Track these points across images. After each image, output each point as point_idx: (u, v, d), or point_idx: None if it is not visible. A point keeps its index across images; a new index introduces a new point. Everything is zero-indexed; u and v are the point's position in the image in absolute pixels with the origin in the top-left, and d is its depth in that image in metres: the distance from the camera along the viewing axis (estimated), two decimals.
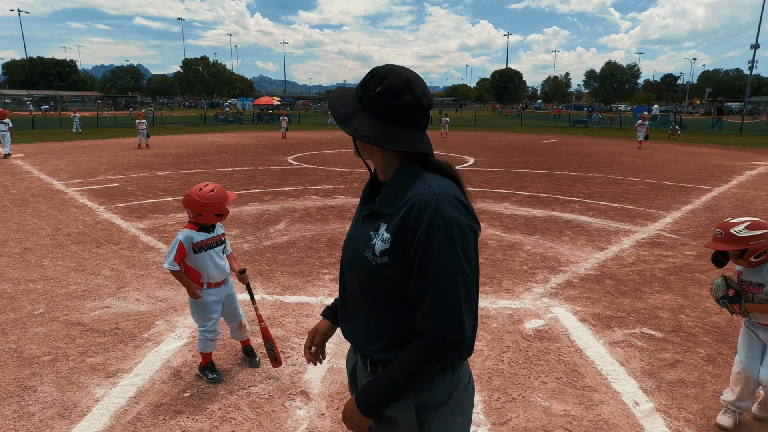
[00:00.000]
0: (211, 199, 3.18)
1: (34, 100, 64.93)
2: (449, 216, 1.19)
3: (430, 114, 1.32)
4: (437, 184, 1.24)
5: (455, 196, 1.23)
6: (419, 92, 1.25)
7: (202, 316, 3.36)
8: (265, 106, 53.42)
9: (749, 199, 10.04)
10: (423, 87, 1.27)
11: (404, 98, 1.23)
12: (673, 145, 22.80)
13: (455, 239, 1.19)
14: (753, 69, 73.75)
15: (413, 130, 1.28)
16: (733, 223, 2.69)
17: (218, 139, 24.05)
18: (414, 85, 1.25)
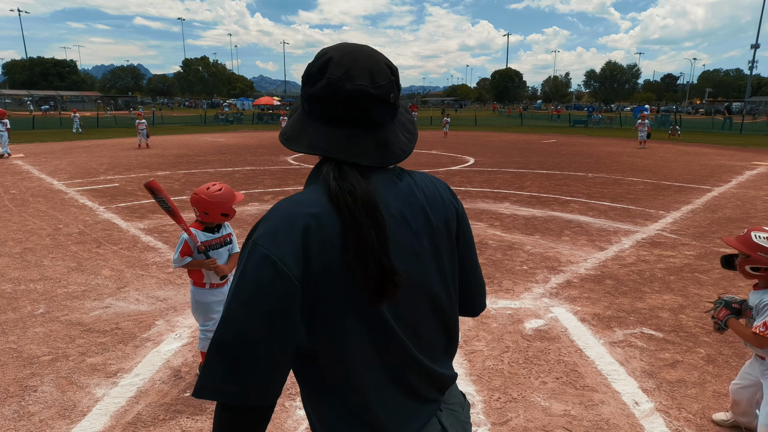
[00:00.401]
0: (218, 198, 3.19)
1: (34, 100, 64.96)
2: (254, 237, 0.94)
3: (380, 107, 0.99)
4: (301, 197, 0.97)
5: (304, 211, 0.93)
6: (337, 75, 0.94)
7: (204, 315, 3.36)
8: (265, 106, 53.43)
9: (749, 199, 10.05)
10: (350, 69, 0.95)
11: (317, 85, 0.96)
12: (673, 145, 22.80)
13: (243, 271, 0.92)
14: (753, 69, 73.78)
15: (333, 126, 0.98)
16: (762, 229, 2.51)
17: (218, 139, 24.06)
18: (334, 66, 0.95)
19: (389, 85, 0.99)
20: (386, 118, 1.01)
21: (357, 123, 0.98)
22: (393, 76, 1.01)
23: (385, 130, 1.01)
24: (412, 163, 15.00)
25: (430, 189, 1.11)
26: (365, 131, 0.99)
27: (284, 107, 49.55)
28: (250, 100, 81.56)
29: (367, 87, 0.95)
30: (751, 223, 8.02)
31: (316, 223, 0.92)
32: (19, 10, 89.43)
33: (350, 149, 0.98)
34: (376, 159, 1.00)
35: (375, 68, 0.98)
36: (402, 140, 1.05)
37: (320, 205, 0.94)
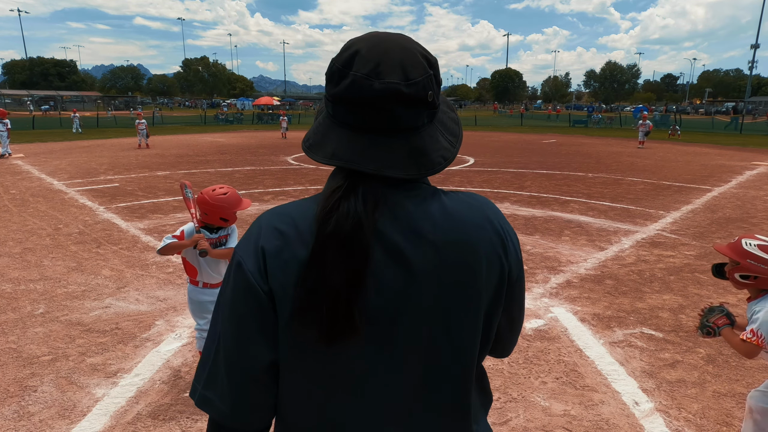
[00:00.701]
0: (219, 201, 3.18)
1: (34, 100, 64.96)
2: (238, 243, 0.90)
3: (416, 107, 0.82)
4: (286, 208, 0.88)
5: (274, 225, 0.84)
6: (364, 72, 0.79)
7: (198, 314, 3.37)
8: (264, 106, 53.44)
9: (749, 199, 10.05)
10: (379, 64, 0.80)
11: (342, 83, 0.81)
12: (673, 145, 22.80)
13: (225, 276, 0.89)
14: (753, 69, 73.79)
15: (359, 132, 0.83)
16: (754, 237, 2.42)
17: (218, 139, 24.06)
18: (361, 61, 0.80)
19: (426, 81, 0.82)
20: (422, 119, 0.84)
21: (387, 127, 0.82)
22: (431, 69, 0.84)
23: (422, 134, 0.84)
24: None
25: (466, 223, 0.86)
26: (397, 137, 0.82)
27: (284, 107, 49.56)
28: (250, 100, 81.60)
29: (398, 85, 0.79)
30: (751, 223, 8.02)
31: (280, 241, 0.82)
32: (19, 10, 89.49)
33: (378, 159, 0.81)
34: (411, 170, 0.83)
35: (409, 62, 0.81)
36: (443, 145, 0.87)
37: (298, 221, 0.83)
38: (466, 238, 0.85)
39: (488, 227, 0.88)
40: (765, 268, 2.29)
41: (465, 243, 0.85)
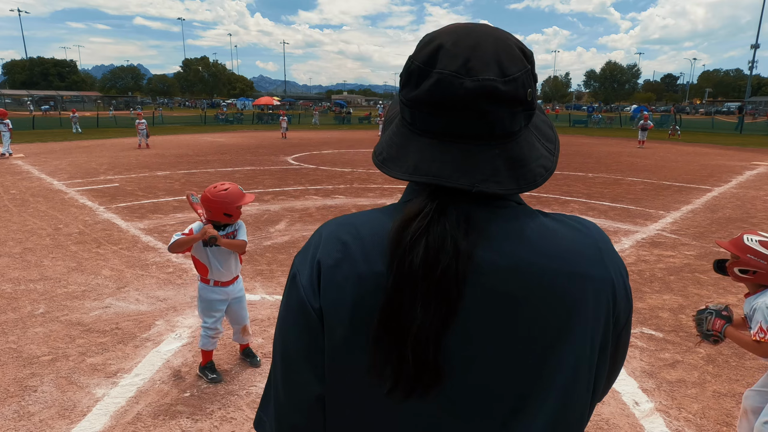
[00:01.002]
0: (220, 197, 3.20)
1: (34, 100, 64.97)
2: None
3: (514, 109, 0.68)
4: (354, 218, 0.77)
5: (336, 235, 0.74)
6: (452, 69, 0.66)
7: (206, 312, 3.39)
8: (264, 106, 53.46)
9: (749, 199, 10.05)
10: (469, 59, 0.66)
11: (423, 85, 0.68)
12: (673, 145, 22.80)
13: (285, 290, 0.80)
14: (753, 69, 73.78)
15: (446, 142, 0.69)
16: (756, 233, 2.44)
17: (218, 139, 24.06)
18: (447, 57, 0.67)
19: (525, 78, 0.68)
20: (519, 124, 0.70)
21: (481, 134, 0.68)
22: (529, 63, 0.70)
23: (519, 141, 0.70)
24: None
25: (572, 252, 0.71)
26: (491, 145, 0.68)
27: (284, 107, 49.57)
28: (250, 100, 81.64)
29: (494, 82, 0.66)
30: (751, 223, 8.02)
31: (340, 254, 0.71)
32: (19, 10, 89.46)
33: (472, 172, 0.67)
34: (510, 184, 0.68)
35: (504, 55, 0.68)
36: (542, 152, 0.73)
37: (365, 235, 0.71)
38: (572, 269, 0.69)
39: (598, 259, 0.72)
40: (764, 263, 2.32)
41: (571, 276, 0.69)
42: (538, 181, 0.71)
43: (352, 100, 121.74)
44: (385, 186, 11.10)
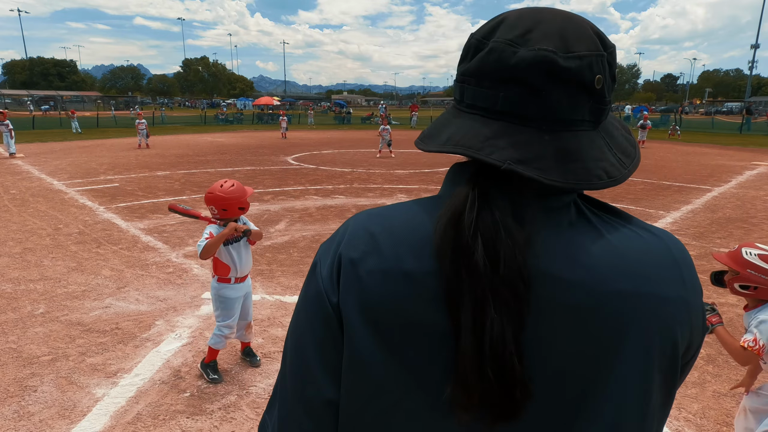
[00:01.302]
0: (233, 193, 3.27)
1: (34, 100, 64.98)
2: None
3: (572, 92, 0.58)
4: (389, 208, 0.69)
5: (365, 225, 0.66)
6: (507, 38, 0.59)
7: (226, 311, 3.41)
8: (265, 106, 53.47)
9: (749, 199, 10.05)
10: (530, 30, 0.59)
11: (477, 56, 0.61)
12: (673, 145, 22.81)
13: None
14: (753, 69, 73.82)
15: (489, 117, 0.61)
16: (754, 245, 2.36)
17: (218, 139, 24.07)
18: (506, 28, 0.60)
19: (595, 61, 0.58)
20: (581, 114, 0.59)
21: (532, 115, 0.58)
22: (605, 50, 0.60)
23: (578, 136, 0.60)
24: (412, 162, 15.01)
25: (643, 266, 0.59)
26: (543, 129, 0.58)
27: (284, 107, 49.58)
28: (250, 100, 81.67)
29: (552, 54, 0.56)
30: (751, 223, 8.03)
31: (368, 247, 0.63)
32: (19, 10, 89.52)
33: (510, 150, 0.57)
34: (554, 174, 0.57)
35: (573, 32, 0.59)
36: (607, 157, 0.61)
37: (396, 227, 0.64)
38: (640, 289, 0.58)
39: (676, 277, 0.60)
40: (764, 278, 2.24)
41: (638, 297, 0.58)
42: (593, 181, 0.58)
43: (352, 100, 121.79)
44: (385, 186, 11.10)
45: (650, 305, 0.58)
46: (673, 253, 0.62)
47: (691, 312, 0.61)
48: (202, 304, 4.67)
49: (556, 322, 0.57)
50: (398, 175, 12.82)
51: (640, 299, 0.58)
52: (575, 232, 0.60)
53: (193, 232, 6.98)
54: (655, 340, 0.58)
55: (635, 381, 0.59)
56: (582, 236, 0.60)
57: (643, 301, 0.58)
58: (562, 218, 0.61)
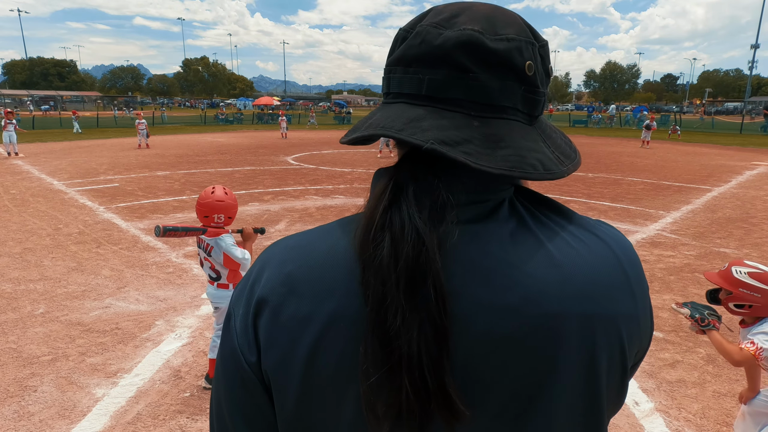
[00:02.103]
0: (233, 198, 3.27)
1: (34, 100, 64.98)
2: None
3: (502, 76, 0.55)
4: (301, 239, 0.61)
5: (280, 263, 0.58)
6: (432, 21, 0.56)
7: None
8: (265, 106, 53.49)
9: (749, 199, 10.05)
10: (457, 14, 0.56)
11: (402, 44, 0.58)
12: (673, 145, 22.81)
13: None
14: (753, 69, 73.84)
15: (412, 104, 0.56)
16: (743, 263, 2.35)
17: (218, 139, 24.06)
18: (433, 14, 0.58)
19: (525, 46, 0.55)
20: (512, 101, 0.55)
21: (459, 99, 0.54)
22: (535, 40, 0.57)
23: (510, 123, 0.55)
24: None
25: (587, 280, 0.54)
26: (471, 115, 0.54)
27: (284, 107, 49.58)
28: (250, 100, 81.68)
29: (478, 33, 0.53)
30: (751, 223, 8.03)
31: (284, 288, 0.55)
32: (19, 10, 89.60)
33: (431, 131, 0.52)
34: (483, 159, 0.51)
35: (501, 17, 0.56)
36: (543, 151, 0.56)
37: (318, 261, 0.56)
38: (586, 310, 0.53)
39: (625, 291, 0.56)
40: (758, 297, 2.22)
41: (584, 318, 0.53)
42: (527, 169, 0.53)
43: (352, 100, 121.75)
44: None
45: (597, 325, 0.53)
46: (623, 267, 0.57)
47: (640, 324, 0.58)
48: (202, 304, 4.67)
49: (491, 349, 0.51)
50: None
51: (586, 320, 0.53)
52: (510, 241, 0.54)
53: None
54: (602, 358, 0.54)
55: (580, 400, 0.55)
56: (517, 247, 0.53)
57: (589, 322, 0.53)
58: (494, 219, 0.55)
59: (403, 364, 0.48)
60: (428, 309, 0.49)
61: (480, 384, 0.52)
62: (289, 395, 0.55)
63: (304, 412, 0.55)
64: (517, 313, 0.51)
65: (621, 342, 0.55)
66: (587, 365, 0.54)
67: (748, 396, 2.46)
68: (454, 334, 0.50)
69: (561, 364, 0.52)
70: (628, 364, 0.57)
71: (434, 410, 0.49)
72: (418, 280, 0.49)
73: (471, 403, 0.51)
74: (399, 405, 0.49)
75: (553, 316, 0.52)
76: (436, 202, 0.52)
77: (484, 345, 0.51)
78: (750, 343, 2.21)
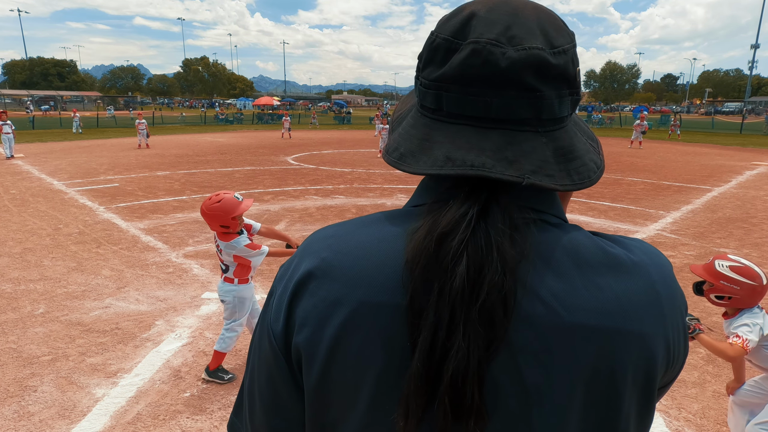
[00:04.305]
0: (214, 209, 3.27)
1: (34, 100, 64.98)
2: None
3: (562, 89, 0.56)
4: (344, 226, 0.64)
5: (317, 250, 0.61)
6: (489, 37, 0.54)
7: (242, 311, 3.46)
8: (265, 106, 53.52)
9: (749, 199, 10.05)
10: (510, 25, 0.54)
11: (454, 59, 0.55)
12: (673, 145, 22.82)
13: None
14: (753, 69, 73.86)
15: (480, 127, 0.56)
16: (726, 257, 2.46)
17: (218, 139, 24.06)
18: (482, 25, 0.55)
19: (574, 54, 0.57)
20: (567, 109, 0.57)
21: (527, 118, 0.55)
22: (573, 41, 0.59)
23: (566, 130, 0.58)
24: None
25: (622, 300, 0.55)
26: (540, 132, 0.56)
27: (285, 107, 49.58)
28: (251, 100, 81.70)
29: (544, 52, 0.53)
30: (751, 223, 8.03)
31: (318, 273, 0.58)
32: (19, 10, 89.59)
33: (519, 162, 0.54)
34: (562, 179, 0.55)
35: (550, 24, 0.56)
36: (587, 147, 0.61)
37: (353, 251, 0.58)
38: (619, 327, 0.54)
39: (656, 315, 0.56)
40: (737, 289, 2.34)
41: (615, 334, 0.54)
42: (592, 177, 0.57)
43: (352, 100, 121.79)
44: (385, 186, 11.10)
45: (626, 342, 0.54)
46: (656, 288, 0.57)
47: (669, 346, 0.57)
48: (202, 304, 4.67)
49: (521, 359, 0.52)
50: (398, 175, 12.82)
51: (616, 336, 0.54)
52: (557, 259, 0.55)
53: (193, 233, 6.98)
54: (627, 377, 0.54)
55: (602, 420, 0.55)
56: (563, 265, 0.55)
57: (618, 339, 0.54)
58: (549, 239, 0.56)
59: (446, 380, 0.50)
60: (494, 334, 0.50)
61: (506, 394, 0.53)
62: (314, 372, 0.57)
63: (325, 390, 0.57)
64: (557, 322, 0.53)
65: (647, 361, 0.55)
66: (611, 383, 0.54)
67: (734, 387, 2.60)
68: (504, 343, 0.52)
69: (585, 380, 0.53)
70: (654, 385, 0.57)
71: (465, 420, 0.51)
72: (498, 308, 0.50)
73: (497, 415, 0.53)
74: (428, 414, 0.51)
75: (579, 329, 0.53)
76: (516, 229, 0.53)
77: (519, 358, 0.53)
78: (735, 336, 2.31)
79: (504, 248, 0.51)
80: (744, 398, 2.58)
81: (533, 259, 0.54)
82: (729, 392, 2.65)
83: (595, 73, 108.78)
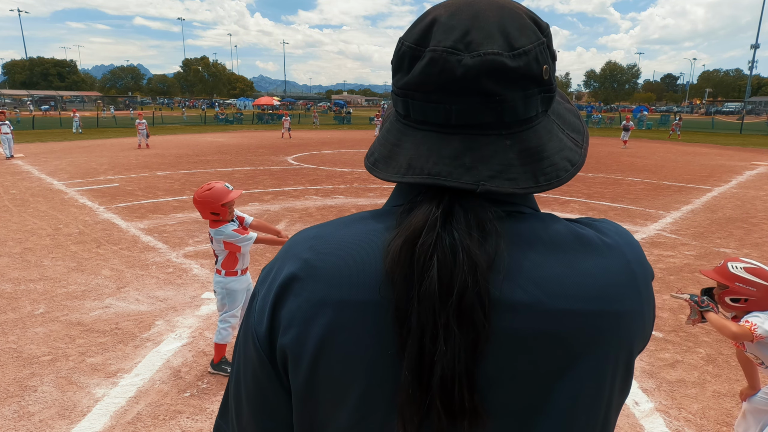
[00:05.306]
0: (204, 197, 3.36)
1: (34, 100, 64.97)
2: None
3: (526, 89, 0.56)
4: (326, 227, 0.63)
5: (299, 251, 0.60)
6: (446, 45, 0.54)
7: (233, 303, 3.49)
8: (265, 106, 53.53)
9: (749, 199, 10.05)
10: (468, 31, 0.54)
11: (416, 67, 0.56)
12: (673, 145, 22.82)
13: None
14: (753, 69, 73.86)
15: (445, 133, 0.57)
16: (739, 259, 2.43)
17: (218, 139, 24.06)
18: (441, 31, 0.55)
19: (539, 51, 0.56)
20: (535, 108, 0.57)
21: (488, 122, 0.55)
22: (543, 36, 0.57)
23: (536, 129, 0.58)
24: None
25: (597, 279, 0.56)
26: (502, 134, 0.56)
27: (285, 107, 49.59)
28: (251, 100, 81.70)
29: (500, 56, 0.53)
30: (751, 223, 8.03)
31: (302, 274, 0.58)
32: (19, 10, 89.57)
33: (479, 167, 0.55)
34: (526, 181, 0.56)
35: (512, 24, 0.56)
36: (565, 143, 0.60)
37: (334, 252, 0.58)
38: (598, 308, 0.55)
39: (632, 290, 0.58)
40: (753, 291, 2.31)
41: (595, 316, 0.55)
42: (561, 176, 0.57)
43: (352, 100, 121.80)
44: (385, 186, 11.10)
45: (608, 322, 0.56)
46: (632, 267, 0.59)
47: (645, 320, 0.60)
48: (202, 304, 4.67)
49: (509, 349, 0.53)
50: None
51: (599, 318, 0.55)
52: (535, 248, 0.56)
53: (193, 232, 6.98)
54: (610, 354, 0.57)
55: (591, 397, 0.57)
56: (541, 253, 0.56)
57: (601, 320, 0.55)
58: (523, 229, 0.57)
59: (435, 385, 0.51)
60: (476, 334, 0.51)
61: (496, 386, 0.54)
62: (301, 372, 0.58)
63: (313, 390, 0.58)
64: (539, 311, 0.54)
65: (629, 338, 0.58)
66: (596, 362, 0.56)
67: (748, 393, 2.52)
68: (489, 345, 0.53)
69: (572, 362, 0.55)
70: (633, 359, 0.60)
71: (459, 422, 0.52)
72: (475, 308, 0.51)
73: (489, 407, 0.54)
74: (427, 418, 0.52)
75: (572, 313, 0.54)
76: (482, 228, 0.54)
77: (507, 348, 0.54)
78: (745, 321, 2.29)
79: (470, 249, 0.52)
80: (758, 406, 2.50)
81: (511, 250, 0.55)
82: (742, 398, 2.59)
83: (595, 73, 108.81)
